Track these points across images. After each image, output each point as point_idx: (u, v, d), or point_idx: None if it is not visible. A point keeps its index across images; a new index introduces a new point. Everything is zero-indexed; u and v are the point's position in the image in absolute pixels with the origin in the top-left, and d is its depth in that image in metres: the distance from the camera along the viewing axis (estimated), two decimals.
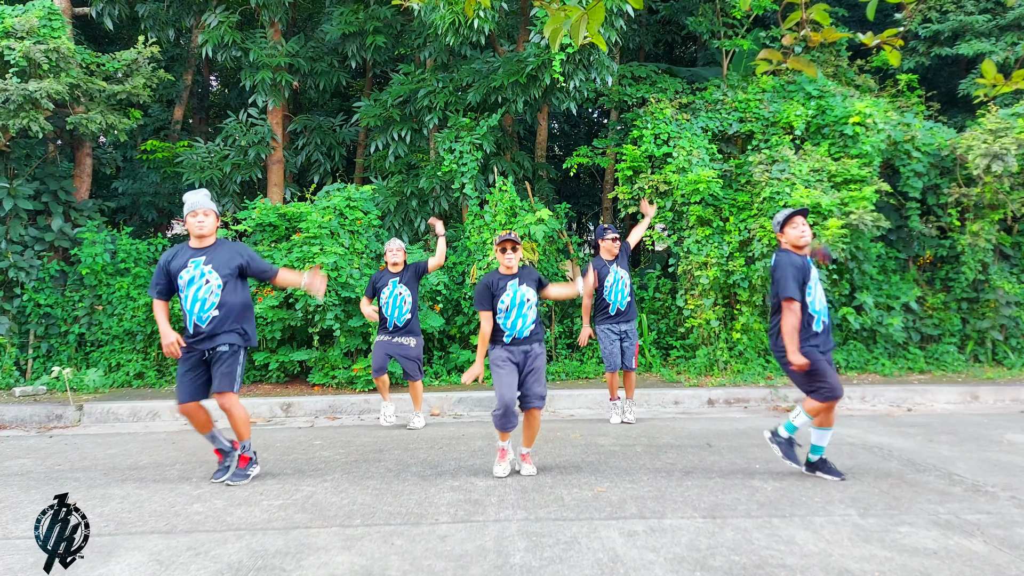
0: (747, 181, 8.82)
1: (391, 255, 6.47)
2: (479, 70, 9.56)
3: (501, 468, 4.71)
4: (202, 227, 4.55)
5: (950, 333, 9.25)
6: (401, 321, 6.38)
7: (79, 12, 9.78)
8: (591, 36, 2.36)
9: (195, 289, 4.45)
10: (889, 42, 2.42)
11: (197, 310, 4.45)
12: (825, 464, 4.55)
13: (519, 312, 4.67)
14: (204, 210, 4.55)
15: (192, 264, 4.49)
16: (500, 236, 4.72)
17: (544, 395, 4.71)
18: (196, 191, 4.63)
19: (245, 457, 4.65)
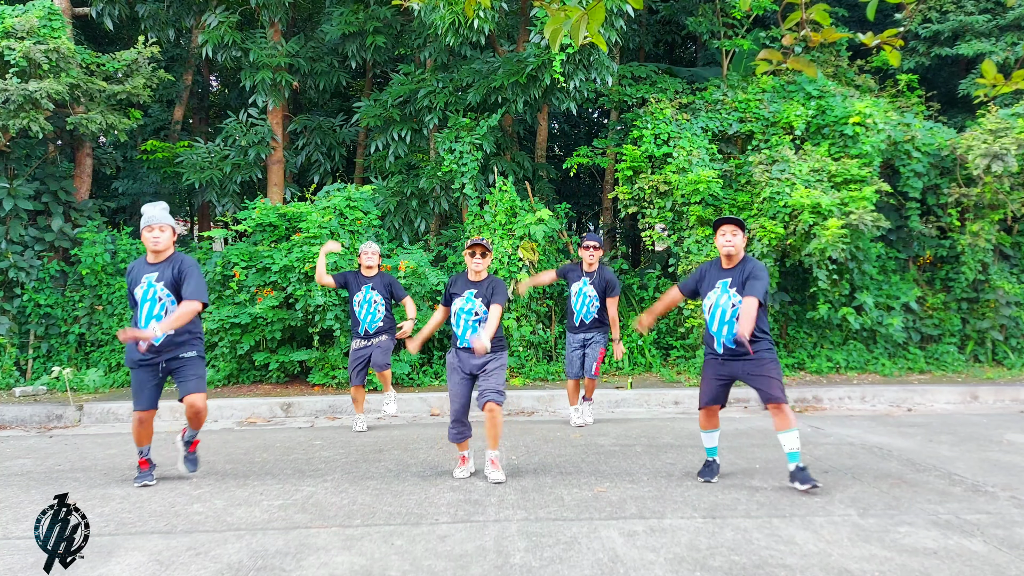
0: (747, 181, 8.82)
1: (366, 257, 6.36)
2: (479, 70, 9.56)
3: (462, 470, 4.67)
4: (157, 243, 4.54)
5: (950, 333, 9.26)
6: (373, 328, 6.32)
7: (79, 12, 9.78)
8: (591, 36, 2.36)
9: (148, 307, 4.49)
10: (889, 42, 2.42)
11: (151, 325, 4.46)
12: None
13: (465, 322, 4.62)
14: (160, 225, 4.54)
15: (145, 280, 4.52)
16: (471, 240, 4.67)
17: (500, 389, 4.56)
18: (154, 204, 4.62)
19: (196, 441, 4.81)
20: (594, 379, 6.47)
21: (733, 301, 4.38)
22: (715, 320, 4.43)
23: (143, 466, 4.72)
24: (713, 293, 4.46)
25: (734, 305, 4.37)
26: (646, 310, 4.71)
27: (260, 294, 8.09)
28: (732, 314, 4.36)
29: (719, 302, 4.42)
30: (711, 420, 4.59)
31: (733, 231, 4.41)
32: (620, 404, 7.51)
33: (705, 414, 4.59)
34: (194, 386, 4.54)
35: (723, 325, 4.41)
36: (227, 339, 8.13)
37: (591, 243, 6.34)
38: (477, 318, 4.61)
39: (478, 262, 4.63)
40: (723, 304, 4.41)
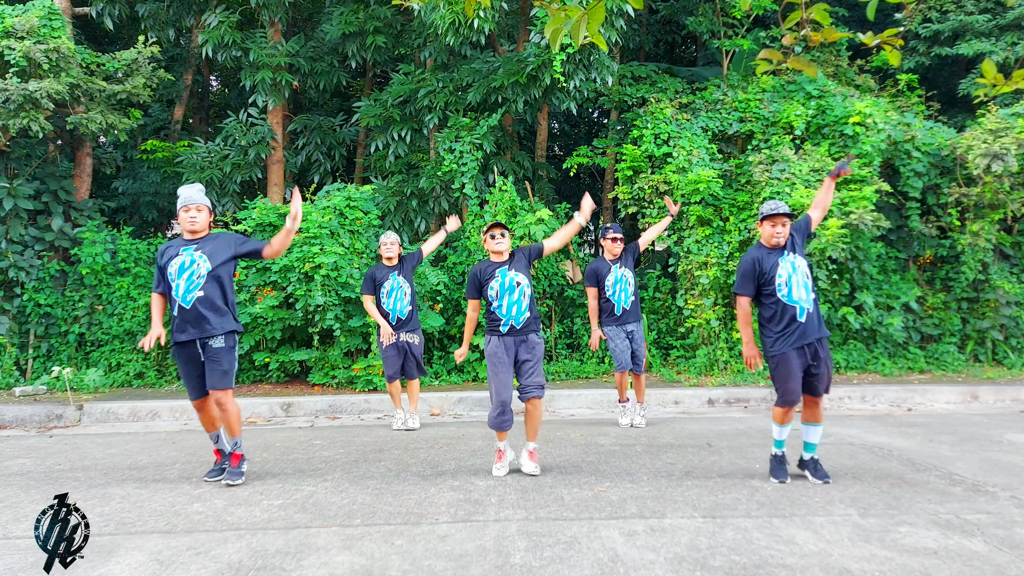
0: (747, 181, 8.82)
1: (386, 248, 6.44)
2: (479, 70, 9.56)
3: (499, 468, 4.70)
4: (194, 223, 4.52)
5: (950, 333, 9.26)
6: (404, 313, 6.37)
7: (79, 12, 9.78)
8: (591, 36, 2.36)
9: (187, 276, 4.42)
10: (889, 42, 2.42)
11: (183, 291, 4.41)
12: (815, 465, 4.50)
13: (511, 298, 4.58)
14: (197, 205, 4.52)
15: (183, 251, 4.48)
16: (490, 223, 4.67)
17: (543, 384, 4.65)
18: (190, 185, 4.59)
19: (237, 455, 4.61)
20: (642, 375, 6.47)
21: (798, 263, 4.42)
22: (795, 288, 4.37)
23: (216, 456, 4.71)
24: (781, 268, 4.41)
25: (799, 267, 4.41)
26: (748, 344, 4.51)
27: (260, 294, 8.09)
28: (804, 275, 4.41)
29: (793, 270, 4.39)
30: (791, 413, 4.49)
31: (784, 223, 4.45)
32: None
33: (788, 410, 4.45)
34: (216, 380, 4.45)
35: (801, 289, 4.37)
36: None
37: (618, 235, 6.45)
38: (520, 287, 4.59)
39: (499, 241, 4.64)
40: (796, 271, 4.39)
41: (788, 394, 4.40)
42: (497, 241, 4.64)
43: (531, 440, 4.77)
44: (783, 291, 4.40)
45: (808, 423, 4.51)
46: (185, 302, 4.42)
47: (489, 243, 4.67)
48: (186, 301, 4.42)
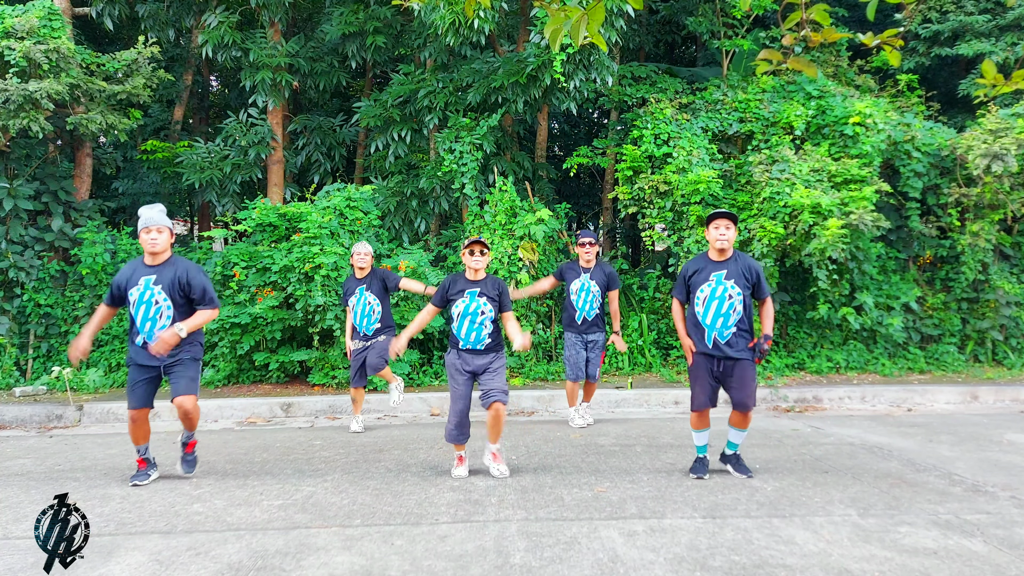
0: (747, 181, 8.82)
1: (357, 259, 6.29)
2: (479, 70, 9.56)
3: (460, 470, 4.68)
4: (155, 244, 4.51)
5: (950, 333, 9.26)
6: (370, 330, 6.23)
7: (79, 12, 9.78)
8: (591, 36, 2.36)
9: (144, 310, 4.47)
10: (889, 42, 2.42)
11: (147, 329, 4.48)
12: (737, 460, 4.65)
13: (472, 323, 4.55)
14: (158, 227, 4.51)
15: (143, 282, 4.49)
16: (469, 239, 4.60)
17: (505, 389, 4.59)
18: (151, 207, 4.59)
19: (193, 441, 4.80)
20: (595, 382, 6.48)
21: (730, 292, 4.39)
22: (709, 312, 4.41)
23: (140, 465, 4.72)
24: (707, 286, 4.44)
25: (731, 297, 4.38)
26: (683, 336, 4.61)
27: (260, 294, 8.09)
28: (729, 306, 4.38)
29: (715, 294, 4.41)
30: (704, 420, 4.63)
31: (727, 225, 4.44)
32: (620, 404, 7.51)
33: (699, 416, 4.61)
34: (183, 387, 4.51)
35: (718, 317, 4.40)
36: (227, 339, 8.14)
37: (587, 239, 6.33)
38: (484, 317, 4.56)
39: (478, 259, 4.60)
40: (719, 296, 4.41)
41: (693, 399, 4.58)
42: (475, 259, 4.60)
43: (494, 442, 4.70)
44: (699, 307, 4.48)
45: (733, 426, 4.62)
46: (151, 339, 4.47)
47: (467, 259, 4.63)
48: (152, 339, 4.47)
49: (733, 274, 4.42)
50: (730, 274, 4.43)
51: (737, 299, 4.40)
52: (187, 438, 4.78)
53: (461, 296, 4.60)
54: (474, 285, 4.63)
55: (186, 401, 4.51)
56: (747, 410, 4.49)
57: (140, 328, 4.49)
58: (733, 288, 4.39)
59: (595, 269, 6.36)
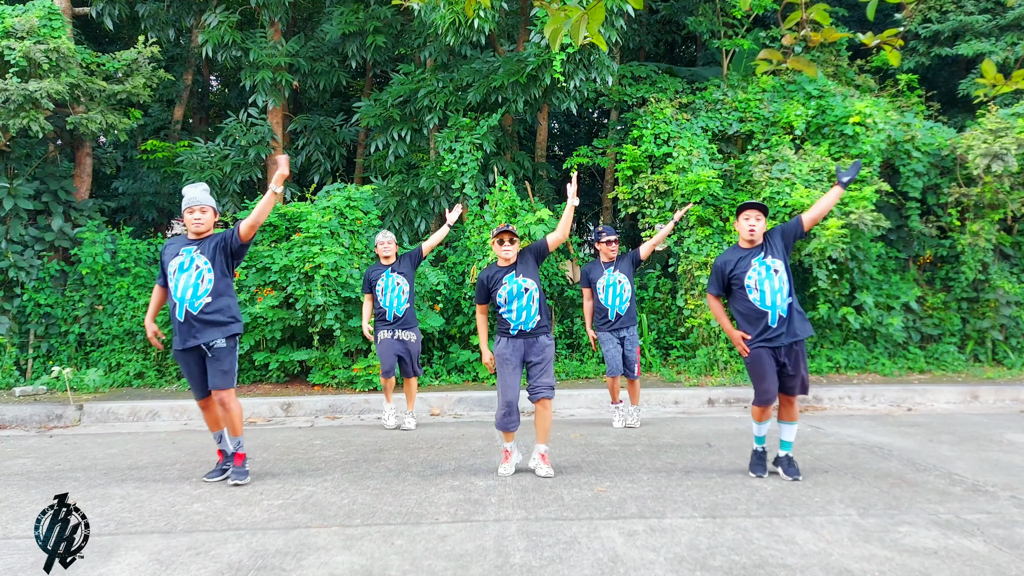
0: (747, 181, 8.82)
1: (382, 248, 6.40)
2: (479, 70, 9.56)
3: (505, 468, 4.68)
4: (199, 223, 4.50)
5: (950, 333, 9.26)
6: (400, 311, 6.30)
7: (79, 12, 9.79)
8: (591, 36, 2.36)
9: (185, 277, 4.41)
10: (889, 42, 2.42)
11: (189, 297, 4.40)
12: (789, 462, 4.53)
13: (520, 303, 4.59)
14: (201, 207, 4.50)
15: (184, 252, 4.47)
16: (497, 228, 4.67)
17: (553, 385, 4.64)
18: (194, 185, 4.58)
19: (240, 455, 4.63)
20: (636, 379, 6.40)
21: (775, 267, 4.35)
22: (766, 294, 4.34)
23: (219, 457, 4.70)
24: (753, 272, 4.38)
25: (776, 271, 4.34)
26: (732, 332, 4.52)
27: (260, 294, 8.09)
28: (780, 280, 4.34)
29: (767, 273, 4.35)
30: (768, 412, 4.51)
31: (757, 216, 4.41)
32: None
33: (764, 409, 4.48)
34: (219, 380, 4.46)
35: (775, 294, 4.33)
36: None
37: (612, 237, 6.35)
38: (529, 293, 4.59)
39: (507, 249, 4.63)
40: (770, 275, 4.35)
41: (763, 393, 4.44)
42: (505, 248, 4.63)
43: (542, 443, 4.71)
44: (754, 295, 4.40)
45: (783, 421, 4.54)
46: (193, 308, 4.41)
47: (497, 248, 4.68)
48: (194, 307, 4.41)
49: (769, 251, 4.41)
50: (767, 252, 4.42)
51: (783, 271, 4.37)
52: (236, 446, 4.62)
53: (501, 284, 4.62)
54: (509, 269, 4.67)
55: (221, 395, 4.46)
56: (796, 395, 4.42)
57: (181, 298, 4.39)
58: (775, 261, 4.37)
59: (618, 261, 6.39)
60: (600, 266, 6.38)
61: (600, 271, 6.36)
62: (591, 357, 9.08)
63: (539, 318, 4.63)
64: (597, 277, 6.35)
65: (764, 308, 4.37)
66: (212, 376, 4.47)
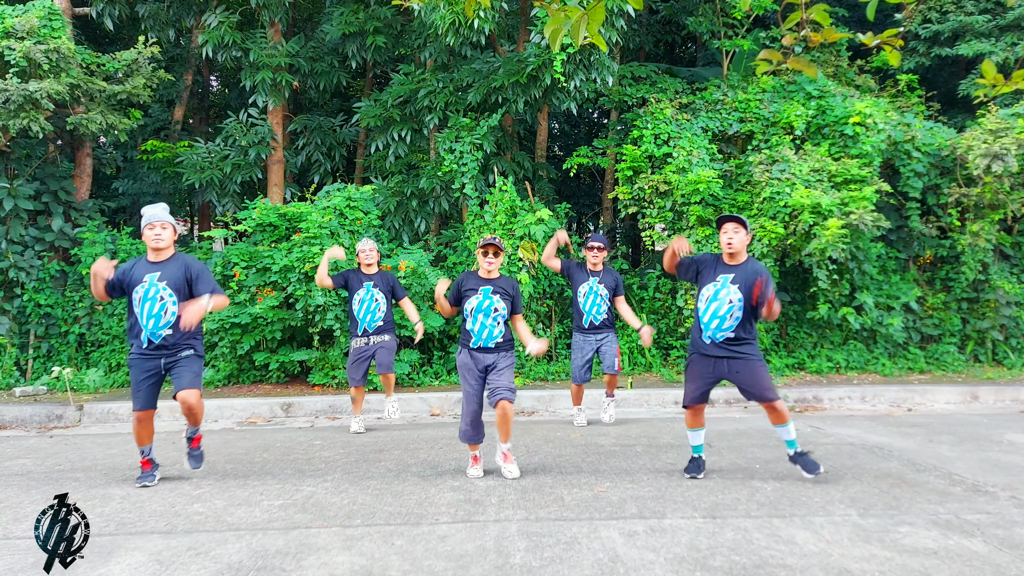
0: (747, 181, 8.82)
1: (364, 255, 6.30)
2: (479, 70, 9.56)
3: (475, 471, 4.67)
4: (159, 240, 4.57)
5: (950, 333, 9.26)
6: (372, 327, 6.25)
7: (79, 12, 9.78)
8: (591, 36, 2.36)
9: (148, 306, 4.49)
10: (889, 42, 2.42)
11: (151, 326, 4.49)
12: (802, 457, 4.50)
13: (484, 320, 4.58)
14: (162, 223, 4.57)
15: (147, 279, 4.53)
16: (484, 239, 4.63)
17: (512, 387, 4.58)
18: (154, 205, 4.66)
19: (198, 436, 4.77)
20: (615, 374, 6.36)
21: (731, 297, 4.38)
22: (709, 312, 4.43)
23: (145, 466, 4.70)
24: (712, 285, 4.45)
25: (731, 302, 4.37)
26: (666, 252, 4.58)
27: (260, 294, 8.09)
28: (728, 310, 4.38)
29: (718, 295, 4.41)
30: (698, 419, 4.63)
31: (735, 228, 4.42)
32: (620, 404, 7.50)
33: (692, 413, 4.61)
34: (187, 382, 4.51)
35: (715, 318, 4.41)
36: (227, 339, 8.14)
37: (596, 243, 6.29)
38: (497, 314, 4.59)
39: (491, 261, 4.62)
40: (721, 298, 4.40)
41: (685, 395, 4.58)
42: (488, 260, 4.63)
43: (504, 441, 4.68)
44: (701, 304, 4.49)
45: (775, 425, 4.53)
46: (155, 337, 4.51)
47: (481, 259, 4.66)
48: (156, 336, 4.51)
49: (741, 282, 4.38)
50: (738, 280, 4.39)
51: (736, 305, 4.36)
52: (192, 433, 4.76)
53: (475, 293, 4.61)
54: (488, 283, 4.66)
55: (190, 396, 4.50)
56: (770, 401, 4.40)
57: (144, 325, 4.49)
58: (736, 293, 4.36)
59: (604, 273, 6.34)
60: (585, 272, 6.34)
61: (584, 277, 6.32)
62: None
63: (500, 340, 4.63)
64: (581, 281, 6.32)
65: (701, 324, 4.49)
66: (181, 379, 4.51)
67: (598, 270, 6.34)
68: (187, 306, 4.36)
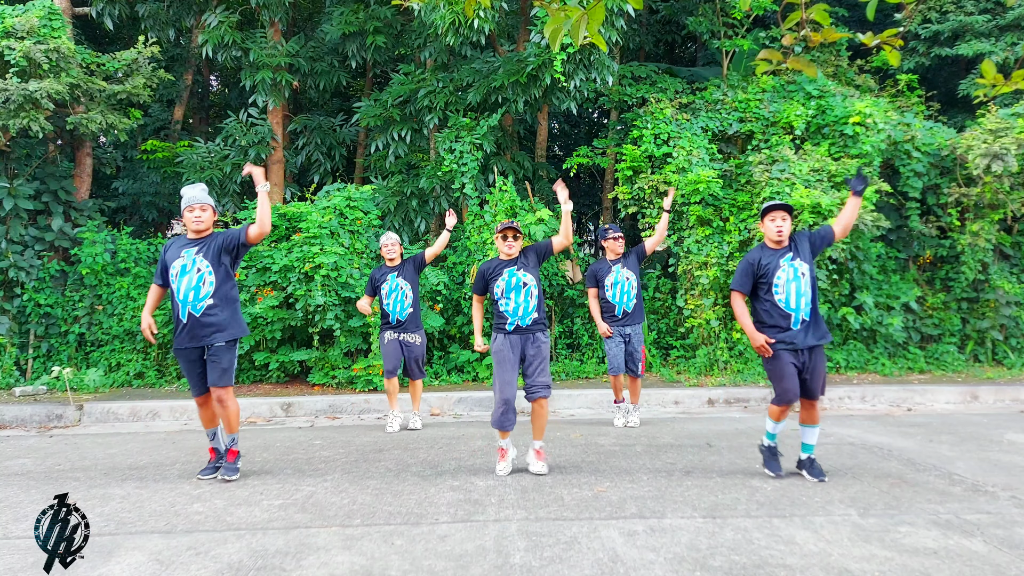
0: (747, 181, 8.82)
1: (386, 251, 6.38)
2: (479, 70, 9.56)
3: (502, 467, 4.67)
4: (199, 222, 4.54)
5: (950, 333, 9.26)
6: (404, 315, 6.28)
7: (79, 12, 9.78)
8: (591, 36, 2.36)
9: (187, 280, 4.45)
10: (889, 42, 2.42)
11: (191, 299, 4.45)
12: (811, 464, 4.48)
13: (517, 297, 4.60)
14: (201, 205, 4.54)
15: (185, 254, 4.50)
16: (502, 223, 4.66)
17: (550, 384, 4.65)
18: (193, 185, 4.62)
19: (234, 451, 4.67)
20: (639, 379, 6.38)
21: (803, 270, 4.34)
22: (791, 295, 4.33)
23: (211, 455, 4.75)
24: (782, 272, 4.36)
25: (804, 275, 4.33)
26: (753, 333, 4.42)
27: (260, 294, 8.09)
28: (806, 284, 4.33)
29: (794, 275, 4.34)
30: (787, 412, 4.50)
31: (784, 216, 4.39)
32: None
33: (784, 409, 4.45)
34: (217, 378, 4.49)
35: (800, 297, 4.32)
36: None
37: (618, 234, 6.38)
38: (528, 287, 4.60)
39: (511, 244, 4.65)
40: (797, 277, 4.33)
41: (784, 393, 4.40)
42: (508, 243, 4.66)
43: (538, 439, 4.73)
44: (780, 295, 4.37)
45: (805, 424, 4.51)
46: (196, 310, 4.47)
47: (500, 243, 4.69)
48: (196, 309, 4.47)
49: (797, 254, 4.39)
50: (795, 254, 4.40)
51: (808, 275, 4.36)
52: (231, 443, 4.65)
53: (500, 275, 4.63)
54: (511, 263, 4.68)
55: (219, 393, 4.50)
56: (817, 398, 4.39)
57: (184, 300, 4.45)
58: (802, 264, 4.37)
59: (623, 258, 6.40)
60: (607, 263, 6.38)
61: (607, 268, 6.35)
62: (591, 357, 9.08)
63: (536, 315, 4.63)
64: (604, 275, 6.34)
65: (788, 310, 4.35)
66: (211, 374, 4.51)
67: (619, 257, 6.38)
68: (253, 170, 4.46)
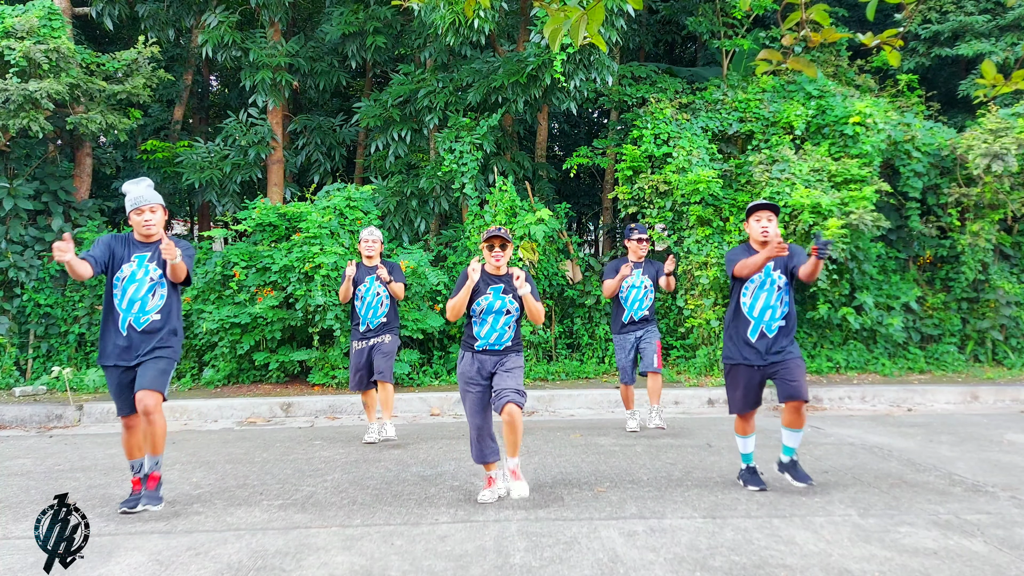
0: (747, 181, 8.82)
1: (365, 246, 5.81)
2: (479, 70, 9.56)
3: (486, 494, 4.09)
4: (149, 226, 3.99)
5: (950, 333, 9.26)
6: (375, 323, 5.77)
7: (79, 12, 9.78)
8: (591, 36, 2.36)
9: (135, 287, 3.96)
10: (889, 42, 2.42)
11: (136, 310, 3.97)
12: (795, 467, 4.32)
13: (495, 323, 4.08)
14: (151, 206, 4.00)
15: (136, 260, 4.00)
16: (488, 231, 4.10)
17: (521, 390, 4.02)
18: (138, 181, 4.04)
19: (155, 475, 4.01)
20: (657, 374, 5.95)
21: (779, 284, 4.20)
22: (757, 303, 4.21)
23: (135, 486, 4.07)
24: (757, 276, 4.21)
25: (779, 288, 4.20)
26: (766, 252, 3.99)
27: (260, 294, 8.09)
28: (778, 297, 4.19)
29: (768, 284, 4.20)
30: (749, 424, 4.35)
31: (769, 217, 4.22)
32: (620, 404, 7.50)
33: (744, 420, 4.35)
34: (150, 380, 3.85)
35: (766, 309, 4.19)
36: (227, 339, 8.13)
37: (644, 235, 6.07)
38: (510, 316, 4.10)
39: (498, 254, 4.09)
40: (770, 288, 4.20)
41: (732, 403, 4.35)
42: (496, 255, 4.10)
43: (513, 456, 4.09)
44: (746, 299, 4.24)
45: (786, 427, 4.31)
46: (138, 323, 3.97)
47: (486, 253, 4.14)
48: (139, 323, 3.97)
49: (779, 265, 4.23)
50: (777, 264, 4.23)
51: (784, 290, 4.21)
52: (152, 466, 3.98)
53: (484, 292, 4.08)
54: (498, 281, 4.13)
55: (148, 399, 3.82)
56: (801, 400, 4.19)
57: (126, 310, 3.94)
58: (780, 278, 4.20)
59: (645, 264, 6.10)
60: (629, 264, 5.92)
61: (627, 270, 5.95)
62: (591, 357, 9.08)
63: (511, 343, 4.14)
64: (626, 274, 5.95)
65: (749, 317, 4.23)
66: (144, 374, 3.89)
67: (641, 261, 6.09)
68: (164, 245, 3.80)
